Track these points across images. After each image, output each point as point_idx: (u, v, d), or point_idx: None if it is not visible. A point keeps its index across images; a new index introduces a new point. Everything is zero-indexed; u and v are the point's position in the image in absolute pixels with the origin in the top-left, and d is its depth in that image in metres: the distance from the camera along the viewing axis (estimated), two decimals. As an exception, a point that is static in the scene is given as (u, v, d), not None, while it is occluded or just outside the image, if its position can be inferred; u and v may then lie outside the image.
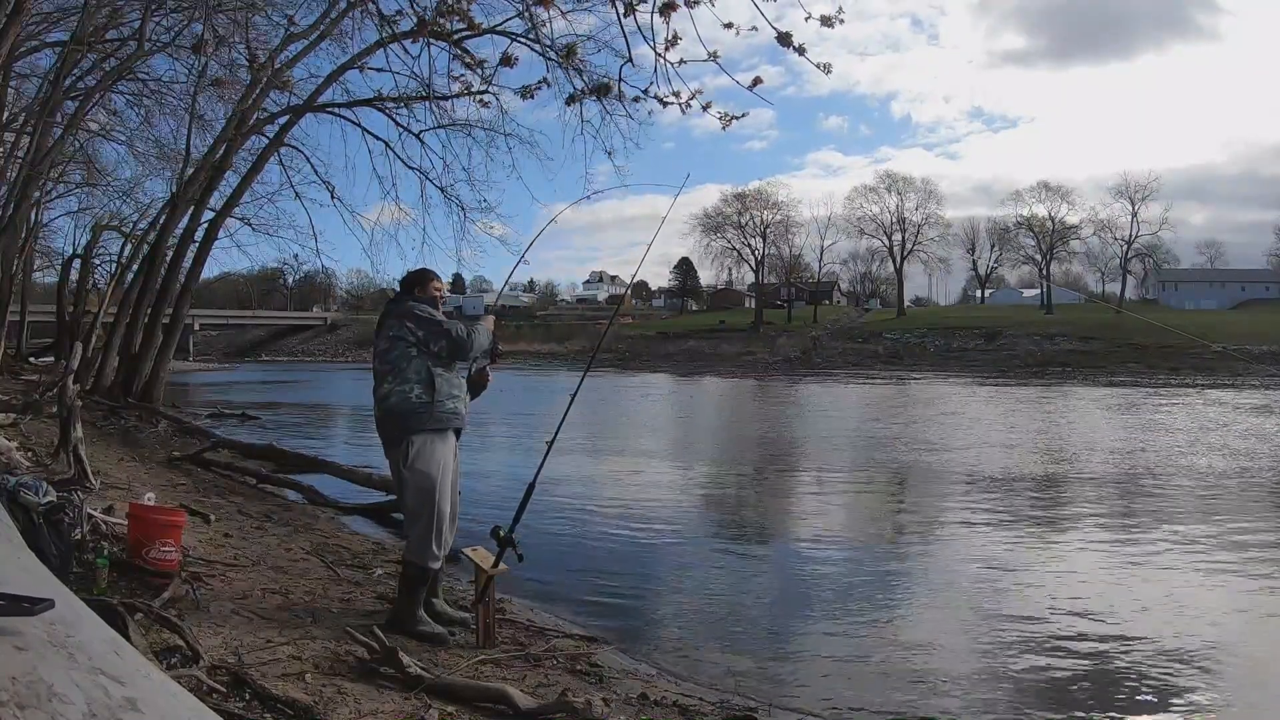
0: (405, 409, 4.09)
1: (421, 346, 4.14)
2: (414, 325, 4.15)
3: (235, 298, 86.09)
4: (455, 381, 4.27)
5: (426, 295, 4.42)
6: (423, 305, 4.31)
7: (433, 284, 4.50)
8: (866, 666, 4.36)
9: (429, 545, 4.03)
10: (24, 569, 2.30)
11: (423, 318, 4.21)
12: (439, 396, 4.12)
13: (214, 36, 7.70)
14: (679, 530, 7.82)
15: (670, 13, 4.25)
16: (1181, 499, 9.36)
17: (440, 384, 4.15)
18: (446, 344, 4.13)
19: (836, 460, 12.90)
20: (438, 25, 4.75)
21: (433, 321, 4.18)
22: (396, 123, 17.82)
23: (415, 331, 4.13)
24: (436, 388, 4.12)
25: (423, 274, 4.59)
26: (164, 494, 6.46)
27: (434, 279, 4.53)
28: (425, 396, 4.09)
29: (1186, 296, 76.13)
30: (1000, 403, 26.08)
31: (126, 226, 27.67)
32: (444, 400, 4.14)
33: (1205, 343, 39.73)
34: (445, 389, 4.17)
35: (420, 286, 4.47)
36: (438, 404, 4.12)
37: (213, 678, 2.89)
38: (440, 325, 4.16)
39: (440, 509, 4.05)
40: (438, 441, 4.12)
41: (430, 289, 4.47)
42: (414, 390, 4.09)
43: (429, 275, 4.57)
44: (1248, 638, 4.87)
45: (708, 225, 76.90)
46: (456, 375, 4.29)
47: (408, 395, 4.08)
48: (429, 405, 4.09)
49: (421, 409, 4.08)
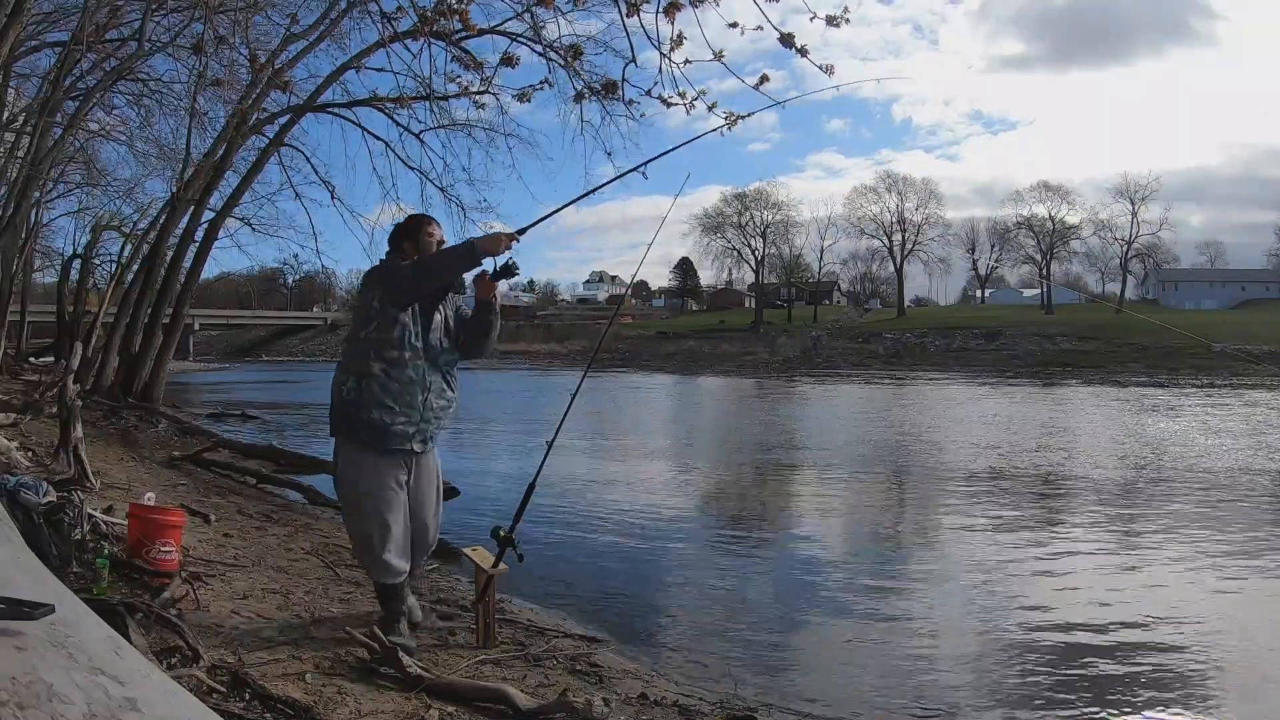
0: (333, 400, 3.48)
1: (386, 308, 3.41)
2: (363, 291, 3.57)
3: (235, 298, 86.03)
4: (407, 390, 3.40)
5: (416, 248, 3.59)
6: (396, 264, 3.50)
7: (427, 231, 3.62)
8: (867, 666, 4.36)
9: (367, 559, 3.55)
10: (24, 570, 2.30)
11: (373, 273, 3.53)
12: (365, 399, 3.35)
13: (214, 36, 7.68)
14: (679, 530, 7.82)
15: (674, 12, 4.26)
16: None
17: (371, 387, 3.36)
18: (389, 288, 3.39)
19: (837, 460, 12.89)
20: (438, 25, 4.75)
21: (378, 274, 3.48)
22: (396, 123, 17.83)
23: (380, 294, 3.46)
24: (365, 388, 3.35)
25: (412, 223, 3.68)
26: (164, 494, 6.46)
27: (429, 225, 3.65)
28: (354, 394, 3.39)
29: (1186, 296, 76.10)
30: (1029, 404, 26.05)
31: (126, 226, 27.68)
32: (369, 408, 3.35)
33: (1205, 343, 39.71)
34: (376, 394, 3.35)
35: (411, 238, 3.61)
36: (361, 409, 3.37)
37: (213, 678, 2.89)
38: (388, 271, 3.45)
39: (370, 527, 3.46)
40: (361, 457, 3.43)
41: (425, 239, 3.60)
42: (347, 381, 3.43)
43: (422, 223, 3.66)
44: (1249, 637, 4.87)
45: (708, 225, 76.95)
46: (412, 383, 3.41)
47: (340, 384, 3.47)
48: (353, 405, 3.38)
49: (344, 407, 3.43)
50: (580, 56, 6.17)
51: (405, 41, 8.83)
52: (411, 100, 14.70)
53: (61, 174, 21.97)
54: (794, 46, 4.17)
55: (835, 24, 4.11)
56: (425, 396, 3.47)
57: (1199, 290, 77.08)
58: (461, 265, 3.42)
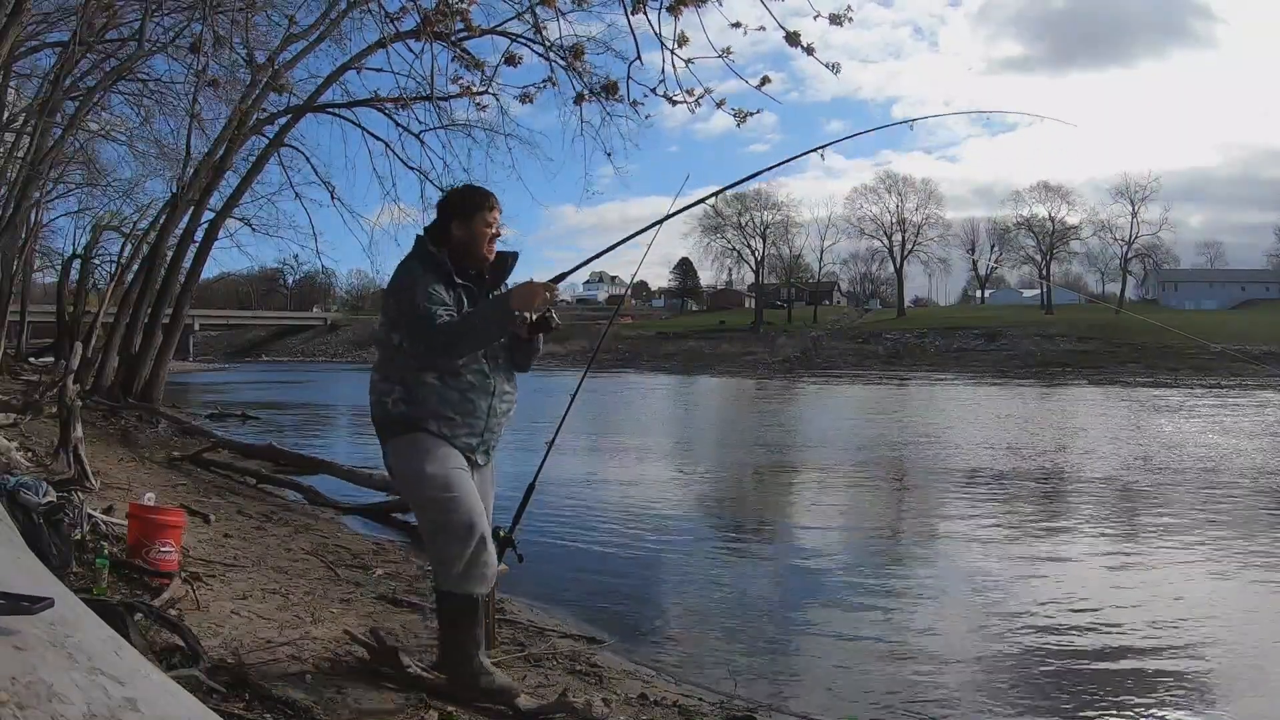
0: (375, 414, 3.03)
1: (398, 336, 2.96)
2: (392, 300, 3.01)
3: (235, 298, 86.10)
4: (468, 398, 2.95)
5: (467, 234, 3.00)
6: (425, 261, 2.96)
7: (485, 219, 3.01)
8: (867, 666, 4.36)
9: (450, 564, 2.95)
10: (24, 569, 2.30)
11: (399, 289, 2.95)
12: (419, 411, 2.92)
13: (214, 37, 7.68)
14: (679, 530, 7.82)
15: (680, 11, 4.27)
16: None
17: (425, 396, 2.91)
18: (413, 340, 2.89)
19: (837, 460, 12.89)
20: (439, 25, 4.76)
21: (406, 300, 2.91)
22: (396, 123, 17.85)
23: (392, 306, 3.01)
24: (417, 398, 2.91)
25: (470, 200, 3.07)
26: (164, 494, 6.45)
27: (488, 210, 3.02)
28: (403, 405, 2.93)
29: (1186, 297, 76.11)
30: (1038, 404, 26.04)
31: (126, 226, 27.74)
32: (424, 420, 2.92)
33: (1205, 343, 39.73)
34: (431, 404, 2.92)
35: (463, 221, 3.01)
36: (413, 418, 2.93)
37: (213, 678, 2.89)
38: (413, 310, 2.86)
39: (451, 515, 2.89)
40: (431, 443, 2.94)
41: (479, 228, 3.00)
42: (393, 393, 2.95)
43: (480, 205, 3.04)
44: (1250, 636, 4.87)
45: (708, 225, 76.94)
46: (474, 389, 2.96)
47: (384, 399, 2.98)
48: (404, 416, 2.94)
49: (394, 420, 2.96)
50: (581, 56, 6.16)
51: (406, 42, 8.84)
52: (412, 100, 14.72)
53: (61, 174, 22.01)
54: (799, 44, 4.19)
55: (839, 22, 4.13)
56: (490, 403, 2.99)
57: (1199, 290, 77.08)
58: (496, 333, 2.96)
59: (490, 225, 3.02)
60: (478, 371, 2.96)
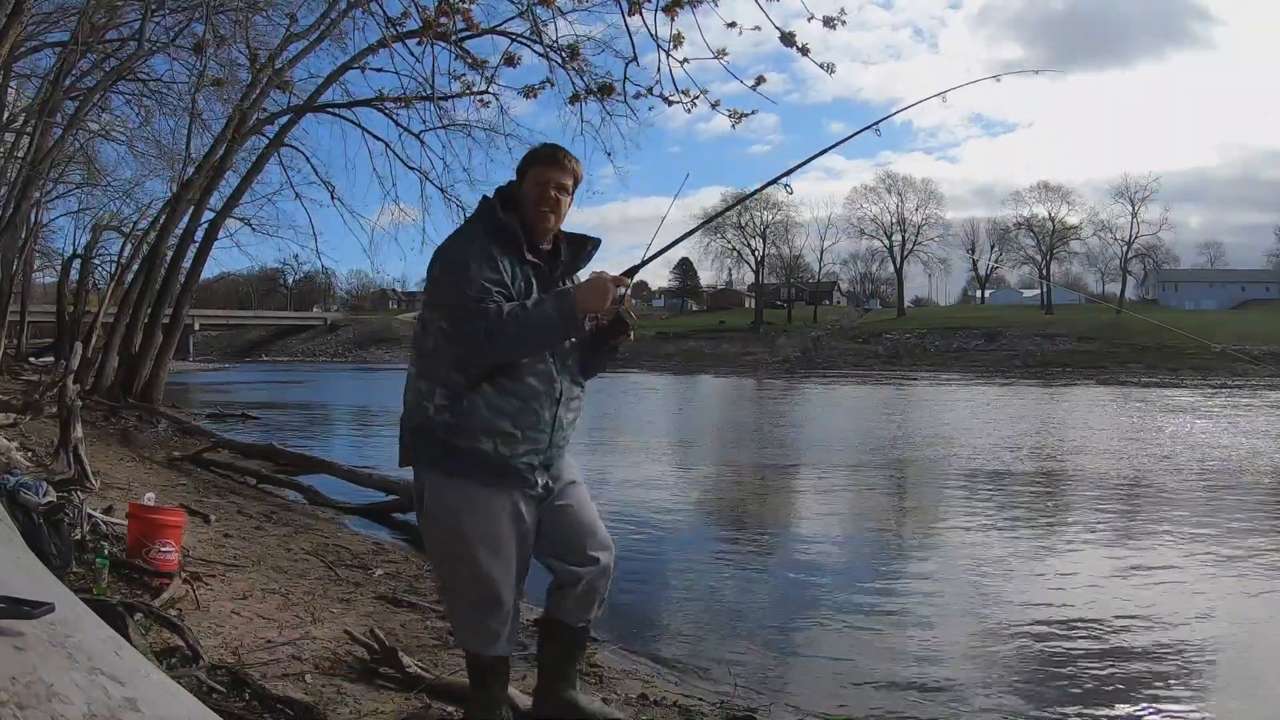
0: (411, 420, 2.48)
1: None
2: (436, 273, 2.45)
3: (235, 298, 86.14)
4: (530, 406, 2.42)
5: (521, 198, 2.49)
6: (489, 227, 2.44)
7: (536, 178, 2.49)
8: (868, 666, 4.35)
9: (463, 625, 2.62)
10: (24, 570, 2.31)
11: (447, 259, 2.43)
12: (468, 423, 2.37)
13: (214, 36, 7.69)
14: (679, 530, 7.82)
15: (675, 11, 4.28)
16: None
17: (476, 405, 2.37)
18: (453, 330, 2.34)
19: (837, 460, 12.89)
20: (440, 25, 4.76)
21: (452, 275, 2.38)
22: (396, 123, 17.89)
23: (433, 284, 2.46)
24: (469, 412, 2.37)
25: (529, 154, 2.57)
26: (164, 494, 6.46)
27: (546, 167, 2.50)
28: (448, 415, 2.38)
29: (1187, 297, 76.11)
30: (1048, 404, 26.01)
31: (126, 226, 27.77)
32: (475, 434, 2.38)
33: (1205, 343, 39.74)
34: (484, 415, 2.37)
35: (519, 174, 2.54)
36: (462, 435, 2.38)
37: (213, 678, 2.89)
38: (459, 291, 2.33)
39: (468, 582, 2.49)
40: (462, 487, 2.41)
41: (529, 182, 2.50)
42: (436, 395, 2.40)
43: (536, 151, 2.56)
44: (1250, 635, 4.87)
45: (707, 226, 76.91)
46: (536, 395, 2.43)
47: (424, 401, 2.43)
48: (449, 429, 2.38)
49: (435, 430, 2.41)
50: (578, 56, 6.17)
51: (407, 41, 8.84)
52: (412, 100, 14.74)
53: (61, 174, 22.04)
54: (795, 45, 4.19)
55: (832, 25, 4.13)
56: (555, 411, 2.47)
57: (1199, 291, 77.07)
58: (555, 338, 2.42)
59: (545, 184, 2.46)
60: (542, 374, 2.43)
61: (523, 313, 2.30)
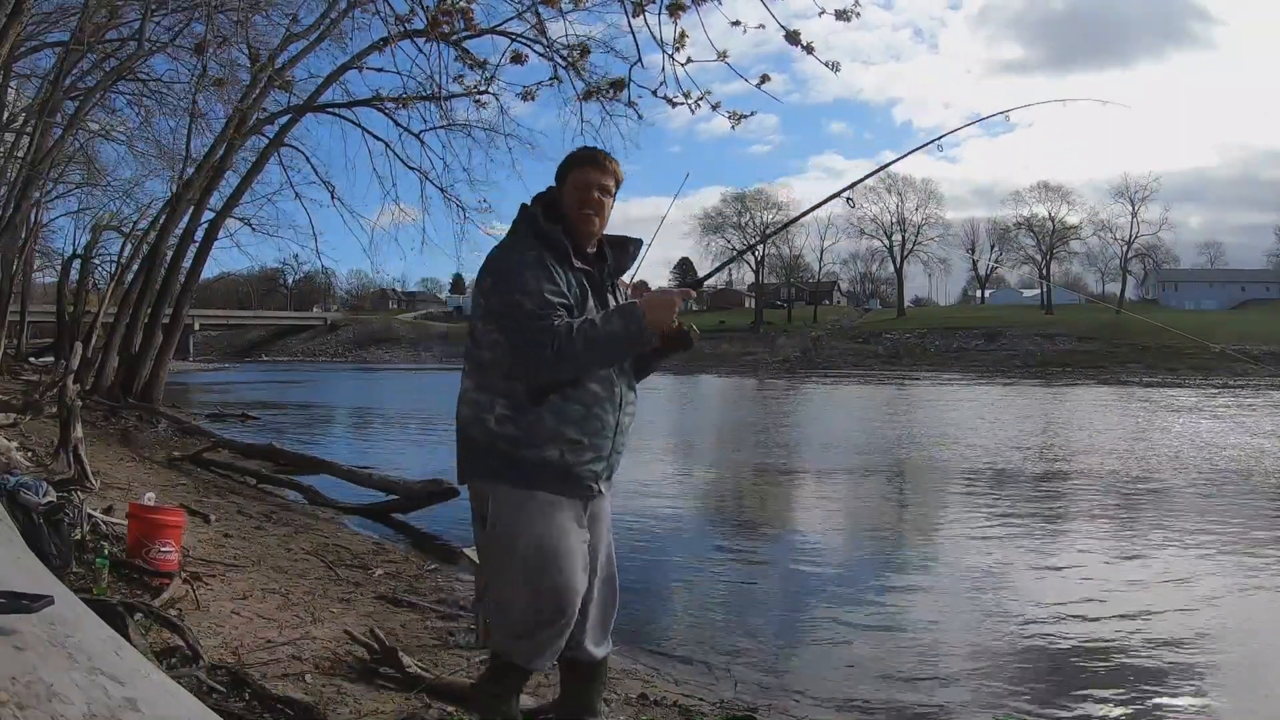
0: (469, 432, 2.39)
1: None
2: (489, 285, 2.37)
3: (235, 298, 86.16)
4: (594, 413, 2.37)
5: (565, 202, 2.44)
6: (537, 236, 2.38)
7: (577, 180, 2.44)
8: (868, 666, 4.36)
9: (516, 637, 2.42)
10: (25, 570, 2.31)
11: (501, 273, 2.35)
12: (533, 433, 2.31)
13: (215, 36, 7.69)
14: (679, 530, 7.82)
15: (679, 13, 4.28)
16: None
17: (540, 414, 2.31)
18: (515, 349, 2.30)
19: (837, 460, 12.89)
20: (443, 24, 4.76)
21: (507, 290, 2.30)
22: (396, 123, 17.88)
23: (489, 297, 2.37)
24: (533, 422, 2.31)
25: (569, 157, 2.49)
26: (164, 494, 6.46)
27: (587, 168, 2.45)
28: (511, 427, 2.31)
29: (1187, 297, 76.11)
30: (1053, 404, 25.98)
31: (126, 226, 27.75)
32: (541, 444, 2.31)
33: (1205, 343, 39.74)
34: (549, 424, 2.31)
35: (559, 179, 2.49)
36: (527, 446, 2.31)
37: (213, 678, 2.89)
38: (517, 307, 2.27)
39: (535, 598, 2.35)
40: (529, 497, 2.33)
41: (570, 185, 2.44)
42: (496, 407, 2.33)
43: (576, 154, 2.49)
44: (1250, 634, 4.87)
45: (708, 225, 77.11)
46: (599, 400, 2.38)
47: (483, 414, 2.34)
48: (513, 441, 2.32)
49: (497, 442, 2.33)
50: (587, 55, 6.16)
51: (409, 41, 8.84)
52: (412, 100, 14.73)
53: (61, 174, 22.02)
54: (799, 43, 4.19)
55: (845, 18, 4.12)
56: (617, 417, 2.44)
57: (1199, 290, 77.07)
58: (624, 354, 2.40)
59: (587, 186, 2.42)
60: (604, 379, 2.39)
61: (591, 330, 2.26)
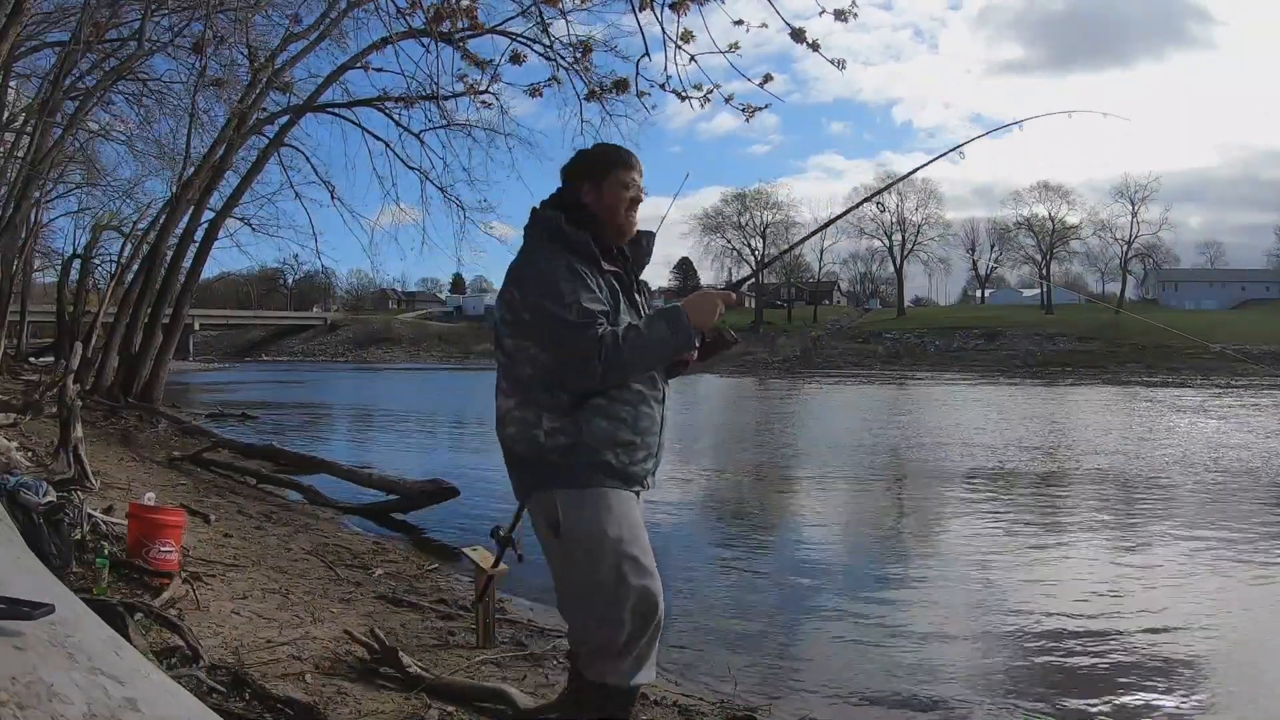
0: (519, 452, 2.32)
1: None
2: (519, 299, 2.29)
3: (235, 298, 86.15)
4: (643, 412, 2.32)
5: (597, 201, 2.38)
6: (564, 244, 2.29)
7: (621, 178, 2.39)
8: (867, 666, 4.36)
9: (615, 654, 2.24)
10: (25, 570, 2.31)
11: (535, 285, 2.26)
12: (588, 442, 2.25)
13: (214, 36, 7.69)
14: (679, 530, 7.82)
15: (683, 9, 4.29)
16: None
17: (594, 422, 2.25)
18: (561, 363, 2.24)
19: (837, 460, 12.88)
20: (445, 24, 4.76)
21: (544, 302, 2.22)
22: (396, 123, 17.90)
23: (521, 312, 2.28)
24: (584, 428, 2.24)
25: (601, 158, 2.45)
26: (164, 494, 6.46)
27: (625, 169, 2.42)
28: (562, 437, 2.24)
29: (1187, 296, 76.10)
30: (1058, 405, 25.91)
31: (126, 226, 27.76)
32: (597, 450, 2.25)
33: (1205, 343, 39.76)
34: (603, 430, 2.25)
35: (591, 181, 2.39)
36: (583, 451, 2.25)
37: (213, 678, 2.89)
38: (558, 320, 2.20)
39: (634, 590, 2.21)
40: (598, 495, 2.26)
41: (611, 189, 2.39)
42: (544, 421, 2.26)
43: (617, 162, 2.42)
44: (1249, 633, 4.87)
45: (708, 225, 77.11)
46: (644, 399, 2.33)
47: (532, 430, 2.27)
48: (566, 450, 2.25)
49: (550, 454, 2.26)
50: (590, 53, 6.16)
51: (409, 41, 8.85)
52: (412, 100, 14.75)
53: (61, 174, 22.03)
54: (805, 41, 4.20)
55: (843, 18, 4.13)
56: (661, 412, 2.40)
57: (1199, 290, 77.06)
58: (669, 357, 2.37)
59: (628, 186, 2.39)
60: (647, 377, 2.36)
61: (638, 338, 2.24)
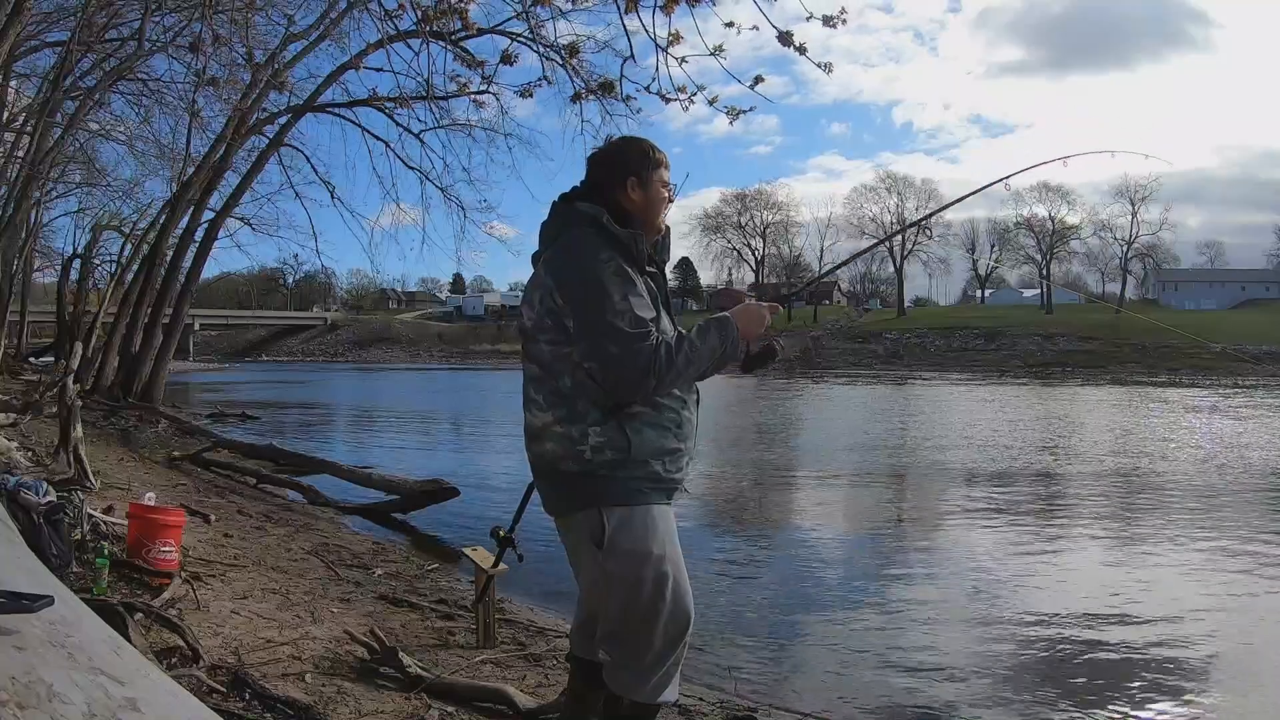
0: (567, 470, 2.16)
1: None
2: (562, 304, 2.14)
3: (235, 298, 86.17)
4: (685, 415, 2.26)
5: (644, 200, 2.26)
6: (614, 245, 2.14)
7: (661, 176, 2.29)
8: (867, 666, 4.36)
9: (645, 673, 2.20)
10: (24, 570, 2.31)
11: (585, 287, 2.10)
12: (636, 453, 2.13)
13: (213, 36, 7.69)
14: (678, 530, 7.78)
15: (672, 8, 4.30)
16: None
17: (641, 432, 2.14)
18: (608, 370, 2.08)
19: (836, 460, 12.88)
20: (438, 25, 4.77)
21: (595, 305, 2.08)
22: (396, 123, 17.92)
23: (563, 317, 2.14)
24: (633, 440, 2.12)
25: (638, 155, 2.28)
26: (164, 494, 6.46)
27: (664, 164, 2.30)
28: (610, 451, 2.11)
29: (1187, 296, 76.09)
30: (1065, 405, 25.88)
31: (126, 226, 27.76)
32: (646, 461, 2.15)
33: (1205, 343, 39.76)
34: (651, 440, 2.15)
35: (639, 177, 2.25)
36: (632, 464, 2.13)
37: (213, 678, 2.89)
38: (610, 326, 2.06)
39: (668, 606, 2.17)
40: (649, 513, 2.17)
41: (655, 187, 2.28)
42: (589, 437, 2.12)
43: (658, 161, 2.29)
44: (1249, 633, 4.87)
45: (708, 225, 77.23)
46: (683, 402, 2.26)
47: (577, 446, 2.13)
48: (614, 465, 2.12)
49: (596, 470, 2.12)
50: (577, 55, 6.18)
51: (406, 41, 8.84)
52: (412, 100, 14.73)
53: (61, 174, 22.03)
54: (792, 44, 4.21)
55: (832, 24, 4.14)
56: (696, 415, 2.36)
57: (1199, 290, 77.04)
58: (719, 366, 2.35)
59: (666, 186, 2.31)
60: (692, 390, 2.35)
61: (691, 350, 2.17)
